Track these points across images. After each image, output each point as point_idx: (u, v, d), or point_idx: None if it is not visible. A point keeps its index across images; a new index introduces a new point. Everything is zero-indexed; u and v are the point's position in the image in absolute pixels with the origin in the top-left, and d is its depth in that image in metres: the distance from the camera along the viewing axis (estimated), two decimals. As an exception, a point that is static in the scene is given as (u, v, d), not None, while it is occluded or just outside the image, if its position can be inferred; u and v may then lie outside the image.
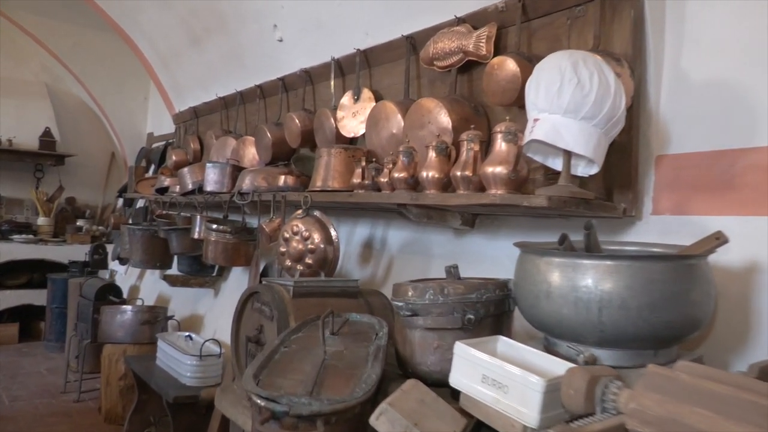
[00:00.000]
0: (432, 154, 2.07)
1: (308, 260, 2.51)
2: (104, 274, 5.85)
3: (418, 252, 2.72)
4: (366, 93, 2.88)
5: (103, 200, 7.45)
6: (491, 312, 1.63)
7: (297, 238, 2.54)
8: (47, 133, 6.78)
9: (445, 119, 2.22)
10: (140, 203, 6.23)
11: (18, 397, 4.43)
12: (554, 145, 1.56)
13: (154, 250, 4.10)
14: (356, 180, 2.46)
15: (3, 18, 6.34)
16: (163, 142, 6.09)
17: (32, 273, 6.37)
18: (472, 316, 1.57)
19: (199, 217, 3.39)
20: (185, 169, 3.82)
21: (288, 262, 2.57)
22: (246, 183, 3.11)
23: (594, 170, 1.66)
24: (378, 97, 2.85)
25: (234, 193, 3.10)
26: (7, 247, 6.24)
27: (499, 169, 1.72)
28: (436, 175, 2.04)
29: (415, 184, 2.19)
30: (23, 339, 6.24)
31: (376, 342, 1.73)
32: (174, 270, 4.25)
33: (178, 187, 4.16)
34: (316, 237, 2.51)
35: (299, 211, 2.63)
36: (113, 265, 5.78)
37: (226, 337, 2.65)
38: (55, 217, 6.89)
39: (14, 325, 6.13)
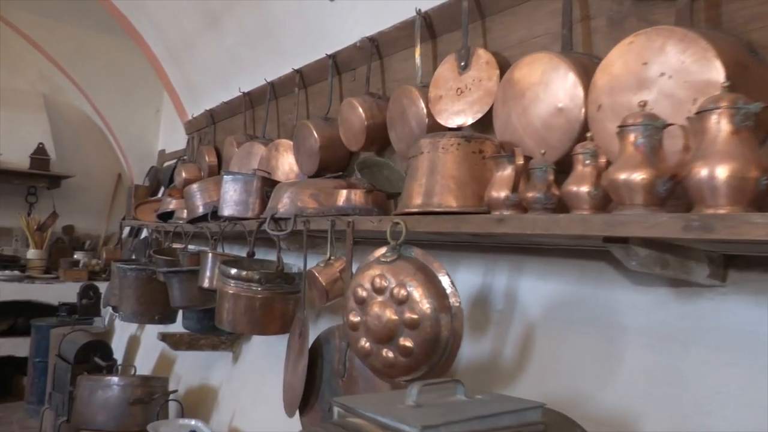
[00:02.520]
0: (724, 126, 0.91)
1: (405, 341, 1.35)
2: (99, 322, 4.72)
3: (587, 320, 1.55)
4: (481, 56, 1.75)
5: (106, 229, 6.40)
6: None
7: (382, 298, 1.39)
8: (40, 149, 5.77)
9: (707, 65, 1.07)
10: (145, 233, 5.16)
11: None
12: None
13: (151, 299, 2.99)
14: (500, 193, 1.31)
15: (-5, 17, 5.41)
16: (175, 160, 5.03)
17: (17, 317, 5.28)
18: None
19: (210, 255, 2.26)
20: (194, 186, 2.71)
21: (365, 343, 1.42)
22: (284, 203, 1.98)
23: None
24: (502, 62, 1.72)
25: (265, 219, 1.97)
26: (-12, 286, 5.18)
27: None
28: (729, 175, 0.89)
29: (603, 199, 1.08)
30: (3, 397, 5.13)
31: None
32: (178, 325, 3.12)
33: (185, 211, 3.05)
34: (420, 297, 1.35)
35: (383, 250, 1.48)
36: (107, 310, 4.66)
37: (248, 424, 1.50)
38: (49, 249, 5.84)
39: (-9, 381, 5.04)
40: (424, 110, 1.86)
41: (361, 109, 2.13)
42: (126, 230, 6.25)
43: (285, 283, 1.97)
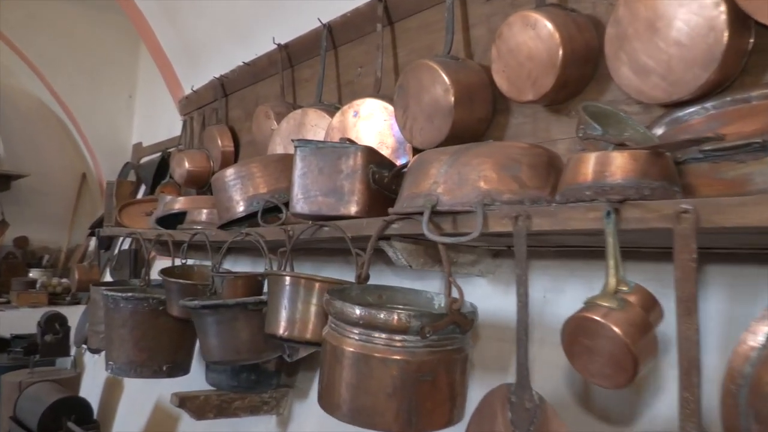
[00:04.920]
0: None
1: None
2: (63, 363, 3.62)
3: None
4: None
5: (69, 241, 5.30)
6: None
7: None
8: (-16, 144, 4.67)
9: None
10: (125, 244, 4.13)
11: None
12: None
13: (157, 343, 2.03)
14: None
15: None
16: (158, 153, 4.03)
17: (-44, 354, 4.15)
18: None
19: (291, 279, 1.31)
20: (228, 174, 1.75)
21: None
22: (447, 185, 1.06)
23: None
24: None
25: (425, 209, 1.05)
26: None
27: None
28: None
29: None
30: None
31: None
32: (193, 379, 2.16)
33: (204, 212, 2.11)
34: None
35: None
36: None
37: None
38: (-3, 266, 4.73)
39: None
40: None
41: (552, 27, 1.25)
42: (92, 242, 5.19)
43: (459, 332, 1.05)
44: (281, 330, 1.29)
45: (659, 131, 1.09)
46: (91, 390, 3.54)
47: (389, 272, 1.80)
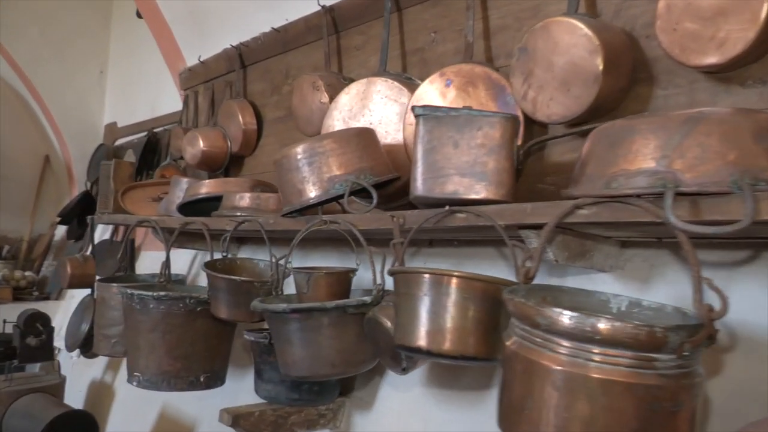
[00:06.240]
0: None
1: None
2: (32, 368, 3.16)
3: None
4: None
5: (31, 230, 4.80)
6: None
7: None
8: (-65, 120, 4.13)
9: None
10: (106, 232, 3.72)
11: None
12: None
13: (193, 349, 1.74)
14: None
15: None
16: (143, 133, 3.66)
17: None
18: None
19: (472, 287, 1.03)
20: (300, 149, 1.46)
21: None
22: (698, 157, 0.83)
23: None
24: None
25: (667, 190, 0.82)
26: None
27: None
28: None
29: None
30: None
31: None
32: (234, 388, 1.87)
33: (246, 197, 1.82)
34: None
35: None
36: (64, 353, 3.15)
37: None
38: (-49, 258, 4.22)
39: None
40: None
41: (755, -28, 1.03)
42: (57, 230, 4.71)
43: (704, 347, 0.83)
44: (424, 342, 1.03)
45: None
46: (72, 398, 3.16)
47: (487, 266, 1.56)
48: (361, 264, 1.39)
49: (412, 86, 1.70)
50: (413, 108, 1.20)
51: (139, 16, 3.48)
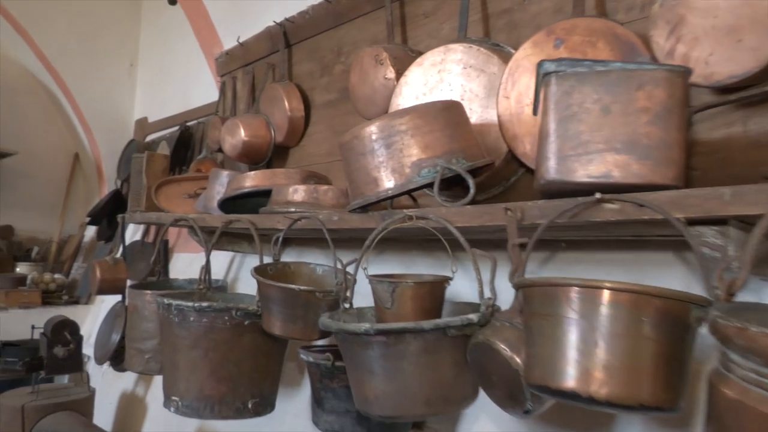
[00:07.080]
0: None
1: None
2: (61, 380, 2.94)
3: None
4: None
5: (61, 231, 4.63)
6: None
7: None
8: (-38, 116, 3.97)
9: None
10: (137, 233, 3.50)
11: None
12: None
13: (239, 370, 1.47)
14: None
15: None
16: (175, 128, 3.42)
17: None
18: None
19: (645, 304, 0.75)
20: (374, 128, 1.17)
21: None
22: None
23: None
24: None
25: None
26: None
27: None
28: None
29: None
30: None
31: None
32: (282, 412, 1.60)
33: (300, 190, 1.54)
34: None
35: None
36: (93, 363, 2.91)
37: None
38: (-22, 260, 4.05)
39: None
40: None
41: None
42: (87, 231, 4.52)
43: None
44: (577, 383, 0.73)
45: None
46: (102, 412, 2.94)
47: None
48: (457, 271, 1.10)
49: (501, 53, 1.40)
50: (541, 64, 0.90)
51: (170, 2, 3.25)
